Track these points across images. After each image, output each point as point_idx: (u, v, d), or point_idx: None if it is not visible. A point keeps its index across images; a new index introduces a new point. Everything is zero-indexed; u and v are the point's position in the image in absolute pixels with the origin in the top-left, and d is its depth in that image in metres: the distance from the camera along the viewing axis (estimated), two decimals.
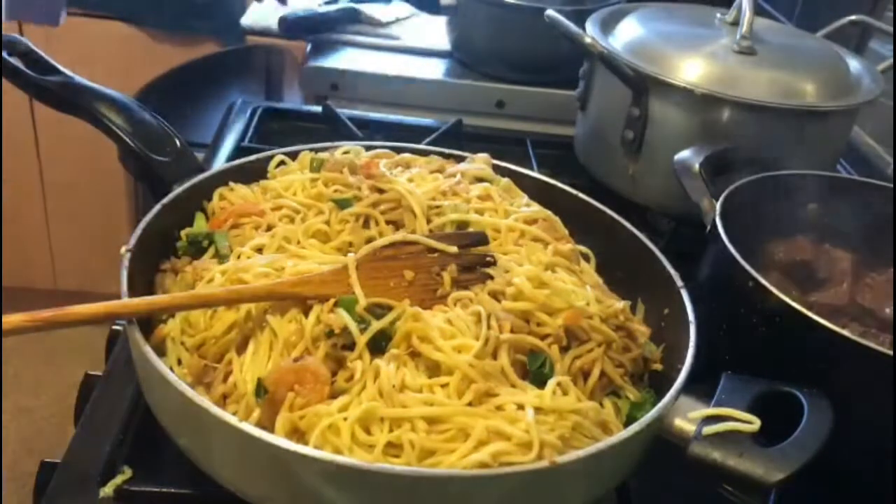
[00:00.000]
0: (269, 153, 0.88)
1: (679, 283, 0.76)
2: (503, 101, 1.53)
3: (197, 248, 0.77)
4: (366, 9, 1.74)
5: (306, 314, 0.66)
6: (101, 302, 0.62)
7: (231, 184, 0.84)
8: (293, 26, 1.65)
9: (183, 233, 0.78)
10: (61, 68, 0.85)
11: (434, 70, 1.60)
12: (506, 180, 0.89)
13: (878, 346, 0.67)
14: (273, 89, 1.79)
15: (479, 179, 0.88)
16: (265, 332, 0.66)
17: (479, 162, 0.91)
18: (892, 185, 0.96)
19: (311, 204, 0.79)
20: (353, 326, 0.64)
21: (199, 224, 0.80)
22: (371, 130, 1.30)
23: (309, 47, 1.62)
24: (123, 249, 0.69)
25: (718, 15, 1.19)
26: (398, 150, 0.92)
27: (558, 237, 0.81)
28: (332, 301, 0.66)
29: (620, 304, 0.74)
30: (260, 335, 0.66)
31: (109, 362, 0.82)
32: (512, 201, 0.85)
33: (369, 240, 0.74)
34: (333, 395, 0.62)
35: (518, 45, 1.51)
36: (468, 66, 1.60)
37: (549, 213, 0.84)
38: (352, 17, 1.72)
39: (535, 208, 0.84)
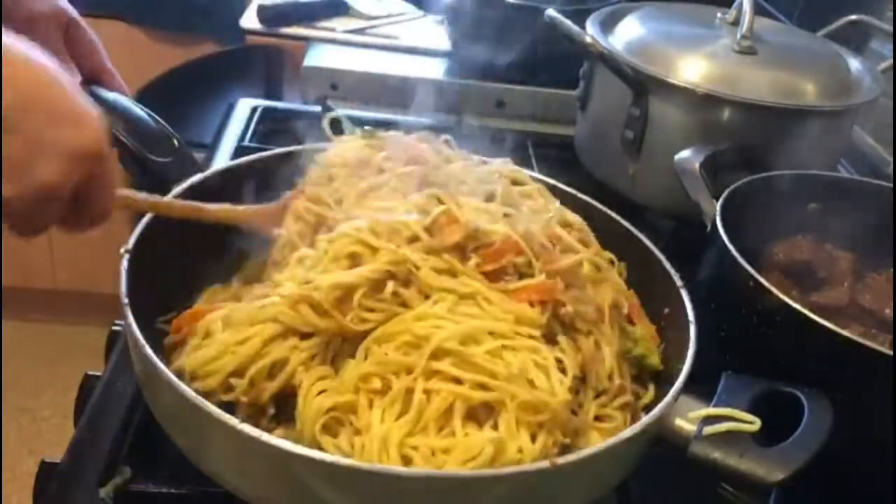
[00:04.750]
0: (269, 153, 0.88)
1: (679, 283, 0.76)
2: (503, 101, 1.53)
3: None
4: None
5: None
6: None
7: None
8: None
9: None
10: None
11: (434, 70, 1.59)
12: (539, 185, 0.86)
13: (878, 346, 0.67)
14: (273, 89, 1.79)
15: (514, 182, 0.85)
16: None
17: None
18: (892, 185, 0.96)
19: None
20: None
21: None
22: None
23: (307, 47, 1.62)
24: (122, 250, 0.69)
25: (719, 15, 1.19)
26: None
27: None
28: None
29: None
30: None
31: (109, 362, 0.82)
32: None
33: None
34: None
35: (518, 45, 1.51)
36: (468, 66, 1.60)
37: (580, 219, 0.81)
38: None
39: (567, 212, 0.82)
